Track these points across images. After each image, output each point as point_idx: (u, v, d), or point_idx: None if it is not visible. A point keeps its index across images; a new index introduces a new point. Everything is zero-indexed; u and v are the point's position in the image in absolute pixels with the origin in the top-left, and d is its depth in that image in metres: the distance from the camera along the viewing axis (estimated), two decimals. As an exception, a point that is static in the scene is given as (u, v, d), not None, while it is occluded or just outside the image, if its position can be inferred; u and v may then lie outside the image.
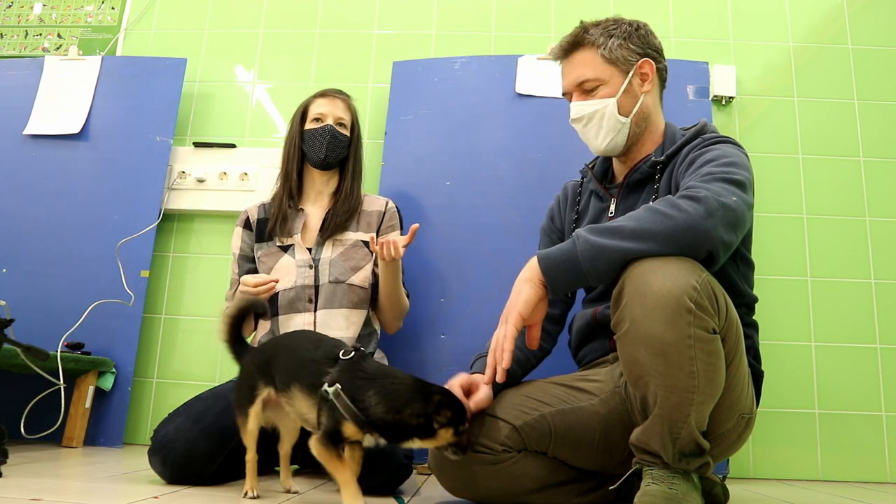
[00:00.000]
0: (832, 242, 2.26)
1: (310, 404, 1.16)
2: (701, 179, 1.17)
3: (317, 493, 1.40)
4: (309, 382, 1.17)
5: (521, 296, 1.13)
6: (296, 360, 1.22)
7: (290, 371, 1.21)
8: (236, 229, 1.89)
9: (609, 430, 1.28)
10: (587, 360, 1.46)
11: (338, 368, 1.15)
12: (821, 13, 2.46)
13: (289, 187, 1.86)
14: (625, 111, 1.40)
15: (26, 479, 1.38)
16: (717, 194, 1.11)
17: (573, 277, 1.11)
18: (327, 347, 1.22)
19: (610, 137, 1.40)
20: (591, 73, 1.40)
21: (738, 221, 1.12)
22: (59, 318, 2.19)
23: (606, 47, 1.38)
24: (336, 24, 2.59)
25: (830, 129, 2.36)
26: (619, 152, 1.44)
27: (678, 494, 1.06)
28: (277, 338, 1.42)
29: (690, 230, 1.07)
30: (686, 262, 1.06)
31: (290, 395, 1.20)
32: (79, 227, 2.32)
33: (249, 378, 1.27)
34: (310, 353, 1.21)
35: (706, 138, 1.35)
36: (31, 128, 2.43)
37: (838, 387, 2.15)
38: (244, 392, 1.27)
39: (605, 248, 1.08)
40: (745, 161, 1.26)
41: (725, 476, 1.54)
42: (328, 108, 1.87)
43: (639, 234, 1.08)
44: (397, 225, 1.92)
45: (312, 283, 1.77)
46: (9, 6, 2.76)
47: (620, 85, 1.39)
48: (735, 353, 1.13)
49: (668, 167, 1.38)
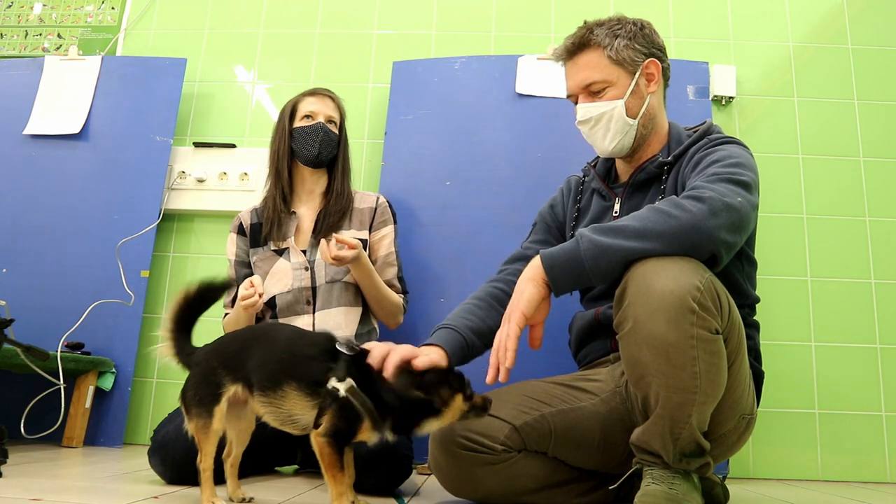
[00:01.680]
0: (832, 242, 2.26)
1: (307, 404, 1.07)
2: (706, 180, 1.17)
3: (317, 494, 1.39)
4: (310, 380, 1.07)
5: (524, 295, 1.12)
6: (283, 356, 1.11)
7: (277, 368, 1.10)
8: (230, 235, 1.89)
9: (609, 429, 1.28)
10: (588, 359, 1.46)
11: (342, 364, 1.08)
12: (821, 13, 2.46)
13: (281, 187, 1.85)
14: (632, 113, 1.39)
15: (26, 479, 1.38)
16: (722, 195, 1.11)
17: (576, 277, 1.11)
18: (319, 341, 1.13)
19: (618, 140, 1.40)
20: (599, 74, 1.38)
21: (742, 222, 1.12)
22: (59, 318, 2.19)
23: (613, 48, 1.37)
24: (336, 24, 2.59)
25: (830, 129, 2.36)
26: (625, 154, 1.43)
27: (678, 494, 1.06)
28: (244, 331, 1.29)
29: (694, 230, 1.07)
30: (689, 262, 1.06)
31: (275, 394, 1.09)
32: (79, 227, 2.32)
33: (211, 374, 1.13)
34: (299, 347, 1.12)
35: (712, 139, 1.34)
36: (31, 128, 2.43)
37: (838, 387, 2.15)
38: (205, 389, 1.13)
39: (608, 248, 1.08)
40: (750, 162, 1.25)
41: (725, 476, 1.54)
42: (318, 107, 1.87)
43: (642, 234, 1.08)
44: (390, 220, 1.91)
45: (309, 285, 1.77)
46: (9, 6, 2.76)
47: (628, 86, 1.38)
48: (737, 353, 1.13)
49: (674, 168, 1.38)
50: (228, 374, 1.13)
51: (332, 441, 1.04)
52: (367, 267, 1.75)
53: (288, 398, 1.08)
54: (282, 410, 1.09)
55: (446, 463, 1.28)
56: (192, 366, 1.17)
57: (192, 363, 1.17)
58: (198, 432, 1.13)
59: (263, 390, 1.10)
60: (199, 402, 1.13)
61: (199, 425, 1.12)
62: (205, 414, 1.12)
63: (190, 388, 1.15)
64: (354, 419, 1.05)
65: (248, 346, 1.15)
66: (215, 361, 1.15)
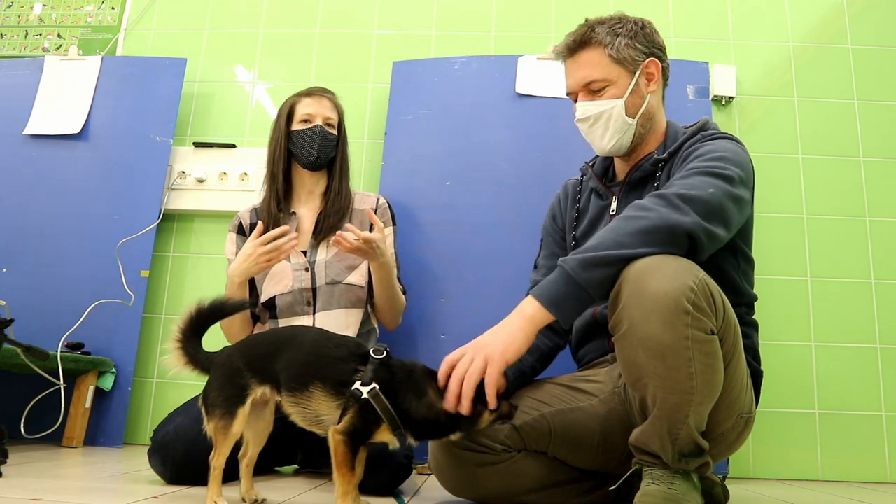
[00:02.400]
0: (832, 242, 2.26)
1: (333, 404, 1.09)
2: (682, 175, 1.19)
3: (317, 494, 1.39)
4: (336, 381, 1.09)
5: (514, 346, 1.09)
6: (313, 357, 1.13)
7: (308, 368, 1.12)
8: (229, 234, 1.88)
9: (608, 430, 1.28)
10: (586, 359, 1.46)
11: (371, 368, 1.09)
12: (821, 13, 2.46)
13: (275, 189, 1.84)
14: (632, 112, 1.39)
15: (26, 479, 1.38)
16: (689, 187, 1.12)
17: (576, 301, 1.09)
18: (350, 345, 1.15)
19: (616, 138, 1.40)
20: (599, 73, 1.38)
21: (716, 211, 1.12)
22: (59, 318, 2.19)
23: (614, 47, 1.37)
24: (336, 24, 2.59)
25: (830, 129, 2.36)
26: (623, 153, 1.44)
27: (678, 494, 1.06)
28: (270, 334, 1.31)
29: (655, 228, 1.08)
30: (683, 262, 1.06)
31: (303, 395, 1.11)
32: (79, 227, 2.32)
33: (237, 375, 1.14)
34: (330, 350, 1.13)
35: (705, 135, 1.35)
36: (31, 128, 2.43)
37: (838, 387, 2.15)
38: (230, 390, 1.14)
39: (598, 260, 1.08)
40: (738, 157, 1.24)
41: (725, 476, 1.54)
42: (316, 108, 1.86)
43: (620, 244, 1.08)
44: (389, 220, 1.91)
45: (310, 286, 1.77)
46: (9, 6, 2.76)
47: (628, 85, 1.38)
48: (733, 353, 1.13)
49: (668, 164, 1.38)
50: (255, 376, 1.14)
51: (348, 440, 1.05)
52: (390, 263, 1.75)
53: (314, 398, 1.10)
54: (308, 411, 1.11)
55: (446, 463, 1.28)
56: (215, 367, 1.17)
57: (215, 365, 1.17)
58: (217, 432, 1.13)
59: (291, 391, 1.12)
60: (223, 402, 1.13)
61: (220, 425, 1.12)
62: (227, 415, 1.12)
63: (214, 388, 1.15)
64: (372, 421, 1.06)
65: (277, 348, 1.16)
66: (241, 363, 1.16)
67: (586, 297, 1.09)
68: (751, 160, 1.30)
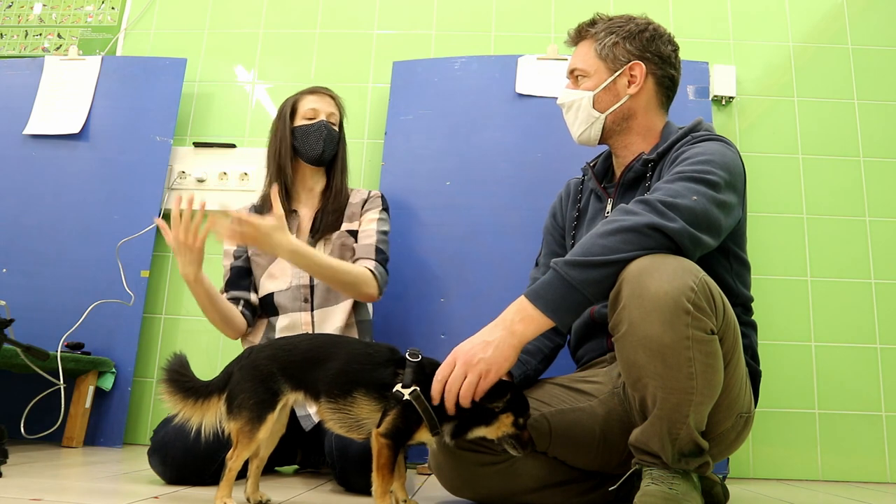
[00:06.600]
0: (832, 242, 2.26)
1: (374, 408, 1.12)
2: (667, 180, 1.19)
3: (317, 494, 1.39)
4: (378, 384, 1.12)
5: (507, 362, 1.10)
6: (356, 364, 1.15)
7: (349, 376, 1.14)
8: None
9: (608, 430, 1.28)
10: (585, 359, 1.46)
11: (410, 370, 1.12)
12: (821, 13, 2.46)
13: (284, 184, 1.84)
14: (600, 107, 1.41)
15: (26, 479, 1.38)
16: (674, 194, 1.12)
17: (573, 302, 1.09)
18: (385, 350, 1.18)
19: (583, 129, 1.44)
20: (582, 63, 1.44)
21: (699, 219, 1.11)
22: (59, 318, 2.19)
23: (602, 43, 1.41)
24: (336, 24, 2.59)
25: (830, 129, 2.36)
26: (593, 145, 1.47)
27: (678, 494, 1.06)
28: (305, 340, 1.27)
29: (636, 232, 1.08)
30: (683, 262, 1.06)
31: (345, 401, 1.12)
32: (79, 227, 2.32)
33: (270, 379, 1.14)
34: (368, 356, 1.16)
35: (696, 136, 1.34)
36: (31, 128, 2.43)
37: (838, 387, 2.15)
38: (262, 394, 1.13)
39: (589, 264, 1.08)
40: (726, 159, 1.23)
41: (725, 476, 1.54)
42: (320, 105, 1.87)
43: (609, 247, 1.08)
44: (379, 205, 1.89)
45: (307, 283, 1.77)
46: (9, 6, 2.76)
47: (602, 82, 1.41)
48: (733, 353, 1.12)
49: (658, 165, 1.38)
50: (289, 382, 1.15)
51: (391, 443, 1.09)
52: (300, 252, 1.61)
53: (357, 404, 1.12)
54: (350, 416, 1.13)
55: (446, 463, 1.29)
56: (243, 368, 1.16)
57: (243, 366, 1.17)
58: (242, 434, 1.12)
59: (333, 398, 1.13)
60: (253, 405, 1.12)
61: (247, 429, 1.12)
62: (256, 419, 1.12)
63: (243, 390, 1.14)
64: (413, 422, 1.10)
65: (314, 356, 1.17)
66: (274, 367, 1.15)
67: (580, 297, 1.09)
68: (741, 162, 1.29)
